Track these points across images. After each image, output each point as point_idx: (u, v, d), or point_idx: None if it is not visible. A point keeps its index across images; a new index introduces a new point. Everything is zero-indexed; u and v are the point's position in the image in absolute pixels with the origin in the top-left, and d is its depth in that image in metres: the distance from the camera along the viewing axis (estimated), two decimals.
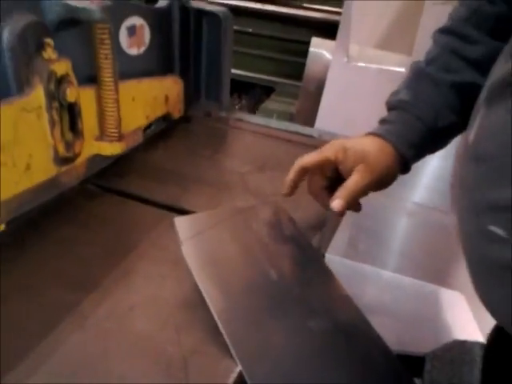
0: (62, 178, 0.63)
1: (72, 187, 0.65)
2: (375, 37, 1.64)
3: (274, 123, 0.92)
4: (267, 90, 1.93)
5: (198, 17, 0.85)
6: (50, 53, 0.56)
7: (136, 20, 0.74)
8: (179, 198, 0.68)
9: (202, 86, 0.91)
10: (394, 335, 0.97)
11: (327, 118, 1.60)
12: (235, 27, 1.68)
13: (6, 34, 0.52)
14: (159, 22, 0.80)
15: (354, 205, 0.60)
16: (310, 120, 1.70)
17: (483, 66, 0.52)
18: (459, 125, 0.58)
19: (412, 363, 1.00)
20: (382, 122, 0.63)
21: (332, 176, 0.62)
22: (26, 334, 0.46)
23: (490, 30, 0.53)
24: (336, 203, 0.56)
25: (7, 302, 0.49)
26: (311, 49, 1.68)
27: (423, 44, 1.17)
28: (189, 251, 0.52)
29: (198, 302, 0.49)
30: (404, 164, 0.61)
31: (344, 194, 0.57)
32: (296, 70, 1.79)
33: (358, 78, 1.59)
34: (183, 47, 0.85)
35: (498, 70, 0.44)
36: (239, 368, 0.43)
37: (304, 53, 1.74)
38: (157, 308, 0.50)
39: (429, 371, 0.93)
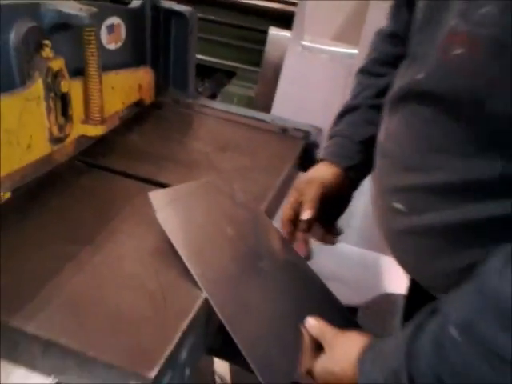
0: (55, 156, 0.75)
1: (62, 163, 0.77)
2: (327, 28, 1.80)
3: (234, 109, 1.07)
4: (228, 75, 2.05)
5: (168, 15, 0.97)
6: (47, 52, 0.68)
7: (114, 19, 0.85)
8: (155, 174, 0.82)
9: (170, 76, 1.03)
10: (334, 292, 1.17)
11: (283, 102, 1.75)
12: (199, 15, 1.82)
13: (11, 37, 0.64)
14: (134, 20, 0.92)
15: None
16: (267, 103, 1.84)
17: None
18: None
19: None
20: (325, 148, 0.79)
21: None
22: (36, 277, 0.59)
23: (392, 64, 0.70)
24: (305, 214, 0.70)
25: (16, 255, 0.62)
26: (269, 38, 1.82)
27: (368, 36, 1.36)
28: (162, 218, 0.67)
29: (170, 251, 0.63)
30: (349, 173, 0.75)
31: (308, 206, 0.70)
32: (255, 56, 1.92)
33: (311, 65, 1.74)
34: (154, 42, 0.98)
35: (395, 86, 0.60)
36: (204, 295, 0.58)
37: (263, 41, 1.87)
38: (139, 256, 0.64)
39: (360, 319, 1.13)
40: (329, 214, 0.75)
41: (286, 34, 1.79)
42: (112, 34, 0.86)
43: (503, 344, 0.39)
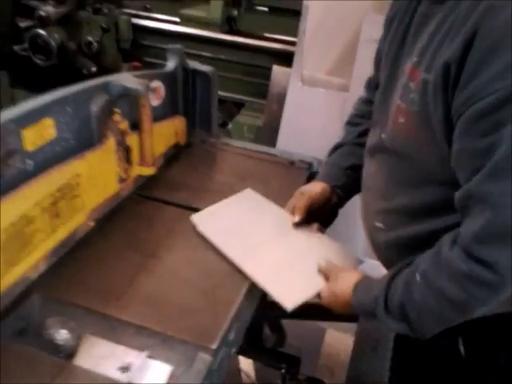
0: (121, 192, 0.99)
1: (125, 197, 1.01)
2: (323, 64, 2.05)
3: (249, 145, 1.31)
4: (238, 105, 2.31)
5: (194, 74, 1.22)
6: (117, 117, 0.92)
7: (156, 83, 1.10)
8: (192, 201, 1.05)
9: (197, 121, 1.28)
10: None
11: (288, 131, 1.99)
12: (211, 54, 2.10)
13: (93, 108, 0.88)
14: (169, 80, 1.16)
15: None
16: (274, 131, 2.09)
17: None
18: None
19: None
20: (319, 173, 1.06)
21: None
22: (121, 280, 0.82)
23: (366, 117, 0.97)
24: (294, 218, 0.96)
25: (103, 264, 0.85)
26: (273, 74, 2.07)
27: (360, 72, 1.62)
28: (203, 230, 0.91)
29: (215, 259, 0.87)
30: (336, 190, 0.99)
31: (297, 212, 0.96)
32: (262, 89, 2.18)
33: (310, 97, 1.99)
34: (184, 95, 1.22)
35: (368, 142, 0.86)
36: (245, 290, 0.82)
37: (268, 76, 2.13)
38: (192, 264, 0.88)
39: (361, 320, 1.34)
40: (318, 219, 0.99)
41: (287, 70, 2.04)
42: (155, 94, 1.10)
43: (449, 288, 0.64)
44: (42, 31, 2.02)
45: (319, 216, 0.99)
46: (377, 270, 1.75)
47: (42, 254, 0.79)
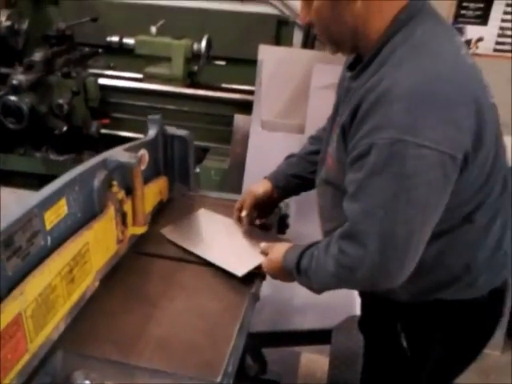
0: (119, 251, 1.13)
1: (123, 255, 1.15)
2: (280, 109, 2.26)
3: (224, 195, 1.47)
4: (204, 151, 2.48)
5: (172, 138, 1.38)
6: (115, 188, 1.07)
7: (143, 151, 1.25)
8: (181, 253, 1.20)
9: (176, 177, 1.43)
10: (313, 318, 1.60)
11: (252, 174, 2.17)
12: (175, 107, 2.28)
13: (95, 183, 1.02)
14: (151, 146, 1.32)
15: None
16: (239, 173, 2.26)
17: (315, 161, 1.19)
18: (304, 178, 1.25)
19: (323, 334, 1.58)
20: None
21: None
22: (134, 329, 0.96)
23: (317, 143, 1.21)
24: (243, 213, 1.27)
25: (115, 316, 0.98)
26: (235, 122, 2.27)
27: (313, 115, 1.83)
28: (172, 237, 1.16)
29: (211, 305, 1.02)
30: (276, 189, 1.28)
31: (245, 209, 1.27)
32: (225, 135, 2.37)
33: (270, 141, 2.18)
34: (165, 157, 1.38)
35: (317, 176, 1.10)
36: (243, 312, 0.97)
37: (230, 122, 2.32)
38: (191, 308, 1.02)
39: (334, 339, 1.52)
40: (262, 210, 1.31)
41: (248, 117, 2.24)
42: (141, 161, 1.25)
43: (328, 263, 0.94)
44: (13, 97, 2.14)
45: (263, 207, 1.30)
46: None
47: (62, 316, 0.91)
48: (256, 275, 1.14)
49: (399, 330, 1.12)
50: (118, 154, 1.10)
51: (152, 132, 1.33)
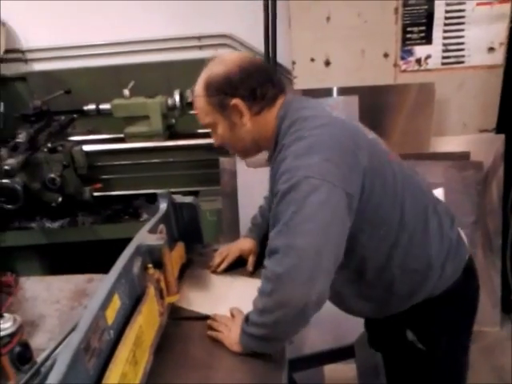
0: (161, 323, 1.25)
1: (164, 325, 1.27)
2: None
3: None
4: (194, 195, 2.61)
5: (181, 205, 1.52)
6: (151, 271, 1.19)
7: (161, 226, 1.38)
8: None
9: (190, 240, 1.57)
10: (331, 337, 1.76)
11: (246, 210, 2.32)
12: (159, 160, 2.42)
13: (135, 270, 1.15)
14: (164, 218, 1.45)
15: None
16: (234, 211, 2.41)
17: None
18: None
19: (346, 350, 1.74)
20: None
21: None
22: (198, 373, 1.09)
23: None
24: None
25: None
26: (221, 164, 2.41)
27: None
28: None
29: (252, 362, 1.16)
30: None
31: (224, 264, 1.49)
32: (212, 176, 2.51)
33: (258, 176, 2.33)
34: (177, 224, 1.51)
35: None
36: (285, 358, 1.11)
37: (214, 164, 2.46)
38: (241, 363, 1.15)
39: (357, 353, 1.67)
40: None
41: (231, 159, 2.39)
42: (161, 234, 1.38)
43: (258, 306, 1.12)
44: (6, 181, 2.21)
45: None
46: None
47: None
48: None
49: (410, 334, 1.29)
50: (146, 237, 1.23)
51: (163, 205, 1.46)
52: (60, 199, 2.37)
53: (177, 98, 2.40)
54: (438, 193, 2.28)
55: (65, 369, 0.82)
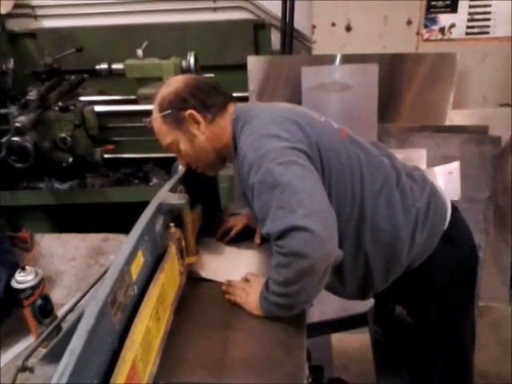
0: (181, 283, 1.24)
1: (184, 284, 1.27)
2: None
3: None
4: None
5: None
6: (173, 229, 1.18)
7: (181, 187, 1.36)
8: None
9: (207, 202, 1.55)
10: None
11: None
12: None
13: (157, 228, 1.13)
14: (185, 180, 1.42)
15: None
16: None
17: None
18: None
19: (360, 318, 1.75)
20: None
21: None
22: (216, 352, 1.08)
23: None
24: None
25: (192, 341, 1.10)
26: None
27: None
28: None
29: (275, 334, 1.15)
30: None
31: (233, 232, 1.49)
32: None
33: None
34: (194, 187, 1.49)
35: None
36: (306, 317, 1.11)
37: None
38: (261, 324, 1.15)
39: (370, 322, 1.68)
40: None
41: None
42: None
43: (278, 279, 1.09)
44: (17, 138, 2.18)
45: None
46: None
47: (156, 351, 1.03)
48: None
49: (398, 308, 1.37)
50: (168, 196, 1.21)
51: (181, 170, 1.44)
52: (71, 159, 2.33)
53: (191, 60, 2.34)
54: (454, 166, 2.25)
55: (93, 321, 0.81)
